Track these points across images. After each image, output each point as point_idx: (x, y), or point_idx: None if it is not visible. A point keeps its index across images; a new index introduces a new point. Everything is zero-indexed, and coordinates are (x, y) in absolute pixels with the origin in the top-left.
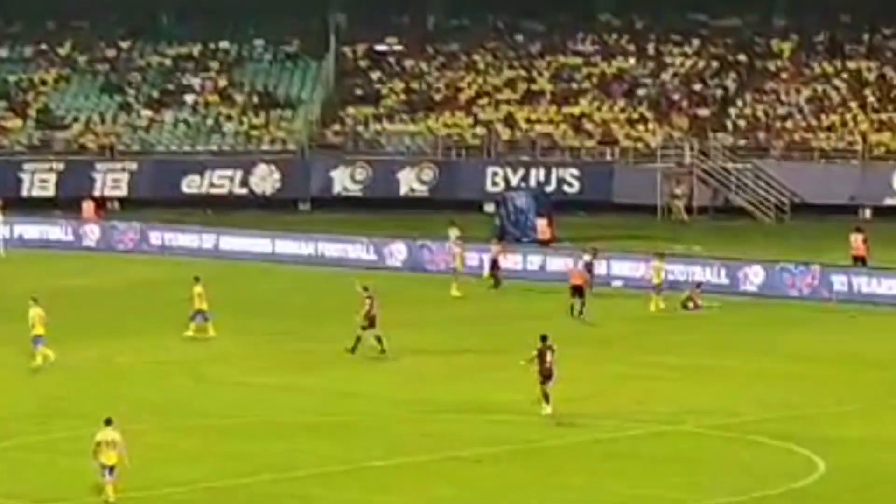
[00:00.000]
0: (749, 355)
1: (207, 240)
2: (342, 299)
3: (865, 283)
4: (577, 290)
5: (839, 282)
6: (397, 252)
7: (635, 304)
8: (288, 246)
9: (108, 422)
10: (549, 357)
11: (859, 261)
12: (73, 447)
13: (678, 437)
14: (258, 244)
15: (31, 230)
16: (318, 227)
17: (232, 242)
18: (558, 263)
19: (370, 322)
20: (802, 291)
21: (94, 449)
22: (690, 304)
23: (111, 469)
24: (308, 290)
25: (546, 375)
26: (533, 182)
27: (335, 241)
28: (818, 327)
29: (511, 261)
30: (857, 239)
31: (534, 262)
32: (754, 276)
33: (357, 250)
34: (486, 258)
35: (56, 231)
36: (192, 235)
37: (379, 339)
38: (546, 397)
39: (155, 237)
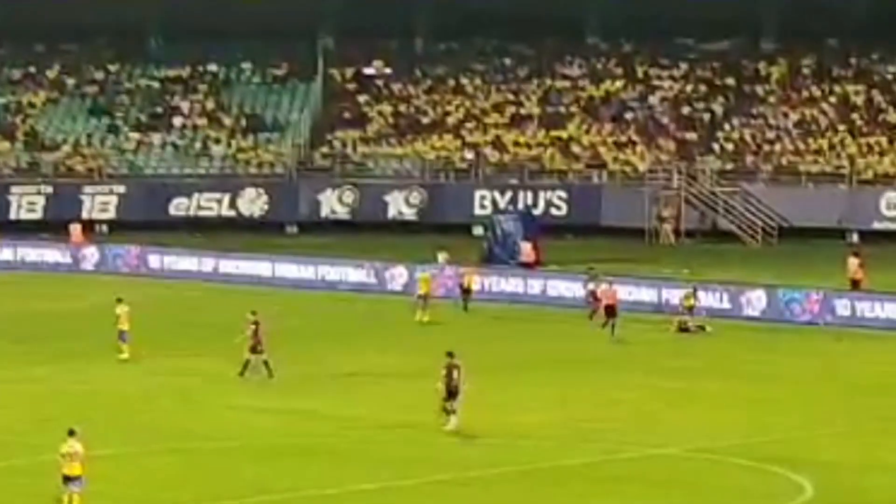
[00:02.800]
0: (740, 379)
1: (206, 263)
2: (337, 323)
3: (868, 308)
4: (610, 310)
5: (841, 306)
6: (398, 276)
7: (627, 326)
8: (288, 269)
9: (72, 433)
10: (455, 374)
11: (855, 285)
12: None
13: (667, 460)
14: (257, 267)
15: (30, 253)
16: (306, 250)
17: (230, 266)
18: (560, 288)
19: (257, 346)
20: (805, 316)
21: (59, 461)
22: (691, 327)
23: (75, 480)
24: (302, 313)
25: (452, 392)
26: (521, 205)
27: (335, 264)
28: (812, 351)
29: (512, 284)
30: (853, 262)
31: (534, 286)
32: (757, 300)
33: (358, 274)
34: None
35: (54, 254)
36: (192, 258)
37: (266, 364)
38: (446, 412)
39: (154, 260)
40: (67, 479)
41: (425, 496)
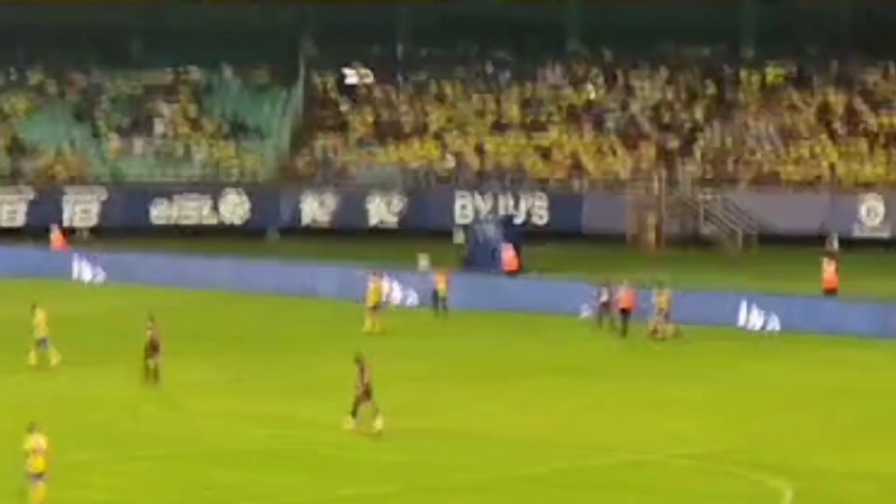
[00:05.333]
0: (721, 385)
1: (192, 271)
2: (318, 329)
3: (852, 315)
4: (625, 313)
5: (824, 312)
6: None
7: (609, 333)
8: (273, 274)
9: (33, 428)
10: (366, 376)
11: (831, 291)
12: None
13: (647, 466)
14: (249, 275)
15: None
16: (288, 257)
17: (221, 274)
18: (544, 295)
19: (153, 351)
20: (787, 323)
21: (24, 457)
22: (658, 335)
23: (39, 476)
24: (292, 321)
25: (365, 393)
26: (502, 211)
27: (317, 272)
28: (794, 358)
29: (493, 291)
30: (829, 269)
31: (516, 293)
32: (744, 306)
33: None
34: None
35: (45, 259)
36: (177, 265)
37: (155, 370)
38: (354, 413)
39: (141, 268)
40: (30, 475)
41: (406, 503)
